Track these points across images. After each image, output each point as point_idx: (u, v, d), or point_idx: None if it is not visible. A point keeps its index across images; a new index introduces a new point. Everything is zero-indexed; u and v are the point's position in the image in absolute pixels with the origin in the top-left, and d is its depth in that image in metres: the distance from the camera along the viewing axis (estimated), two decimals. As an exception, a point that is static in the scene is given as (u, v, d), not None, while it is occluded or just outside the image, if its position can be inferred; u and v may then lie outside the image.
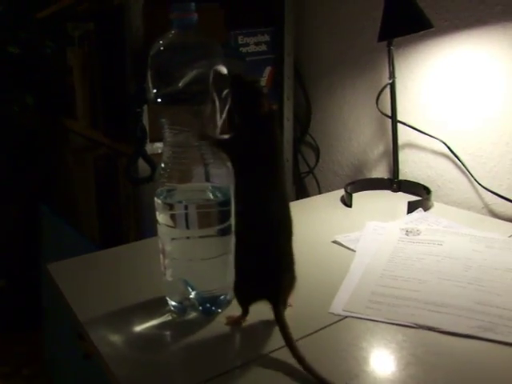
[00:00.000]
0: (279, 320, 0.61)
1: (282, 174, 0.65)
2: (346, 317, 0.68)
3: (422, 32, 1.02)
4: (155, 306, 0.69)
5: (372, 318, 0.67)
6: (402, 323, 0.66)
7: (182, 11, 0.61)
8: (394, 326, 0.65)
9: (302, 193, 1.54)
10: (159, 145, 1.19)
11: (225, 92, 0.63)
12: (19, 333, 2.14)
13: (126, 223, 1.33)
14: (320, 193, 1.48)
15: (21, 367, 2.00)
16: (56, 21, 1.84)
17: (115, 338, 0.64)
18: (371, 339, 0.64)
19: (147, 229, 1.21)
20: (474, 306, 0.68)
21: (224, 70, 0.62)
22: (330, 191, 1.43)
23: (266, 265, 0.62)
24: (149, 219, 1.20)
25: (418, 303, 0.70)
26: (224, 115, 0.65)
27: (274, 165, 0.63)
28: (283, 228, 0.63)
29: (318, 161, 1.47)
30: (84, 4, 1.49)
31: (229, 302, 0.68)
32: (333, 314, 0.68)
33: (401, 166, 1.20)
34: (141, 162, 0.93)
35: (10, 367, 2.00)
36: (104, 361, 0.60)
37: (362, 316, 0.68)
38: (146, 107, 0.95)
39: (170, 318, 0.67)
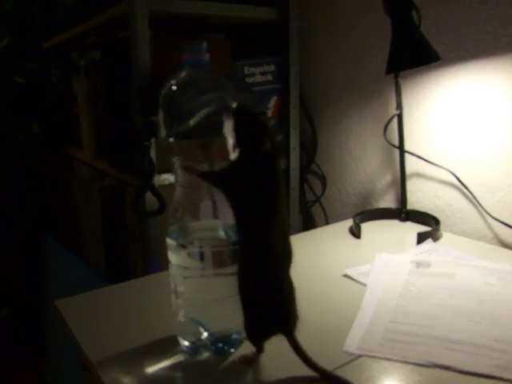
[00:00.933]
0: (298, 350, 0.61)
1: (283, 210, 0.62)
2: (361, 355, 0.66)
3: (429, 63, 1.03)
4: (166, 345, 0.68)
5: (387, 357, 0.66)
6: (418, 362, 0.64)
7: (194, 51, 0.62)
8: (410, 365, 0.64)
9: (309, 222, 1.53)
10: (166, 176, 1.19)
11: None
12: (22, 362, 2.11)
13: (133, 254, 1.32)
14: (327, 222, 1.47)
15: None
16: (62, 50, 1.86)
17: (127, 380, 0.62)
18: (387, 380, 0.62)
19: (154, 261, 1.20)
20: (491, 344, 0.67)
21: (236, 108, 0.62)
22: (337, 220, 1.42)
23: (276, 298, 0.61)
24: (156, 251, 1.20)
25: (433, 340, 0.69)
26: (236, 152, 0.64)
27: (273, 203, 0.60)
28: (286, 260, 0.62)
29: (324, 190, 1.47)
30: (91, 37, 1.50)
31: (242, 341, 0.67)
32: (347, 352, 0.67)
33: (408, 196, 1.19)
34: (149, 195, 0.93)
35: (13, 399, 1.98)
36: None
37: (377, 355, 0.66)
38: (153, 140, 0.96)
39: (182, 358, 0.66)
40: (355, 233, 1.11)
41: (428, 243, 1.03)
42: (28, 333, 2.09)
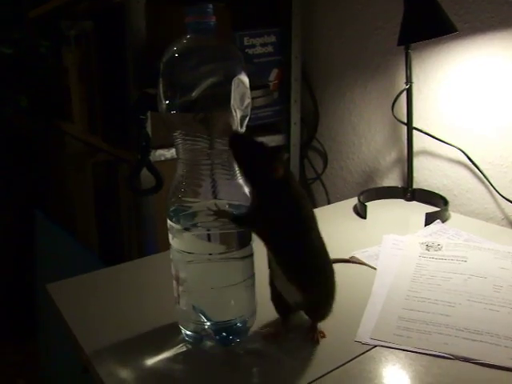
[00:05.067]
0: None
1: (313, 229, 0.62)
2: (375, 346, 0.62)
3: (441, 35, 0.97)
4: (167, 334, 0.64)
5: (402, 348, 0.62)
6: (436, 353, 0.60)
7: (199, 14, 0.56)
8: (427, 356, 0.60)
9: (309, 199, 1.48)
10: (163, 152, 1.14)
11: (246, 102, 0.57)
12: (14, 342, 2.08)
13: (127, 233, 1.27)
14: (328, 199, 1.43)
15: (16, 377, 1.94)
16: (51, 19, 1.78)
17: (124, 373, 0.58)
18: (404, 372, 0.58)
19: (150, 240, 1.15)
20: (511, 334, 0.63)
21: (246, 79, 0.57)
22: (338, 198, 1.38)
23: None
24: (152, 230, 1.15)
25: (451, 330, 0.65)
26: (244, 126, 0.59)
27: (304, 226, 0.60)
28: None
29: (325, 167, 1.42)
30: (82, 4, 1.43)
31: (247, 330, 0.63)
32: (360, 342, 0.63)
33: (415, 174, 1.15)
34: (144, 172, 0.88)
35: (5, 377, 1.94)
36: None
37: (392, 345, 0.62)
38: (149, 114, 0.90)
39: (184, 348, 0.62)
40: (360, 212, 1.07)
41: (436, 224, 0.99)
42: (19, 311, 2.05)
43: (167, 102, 0.57)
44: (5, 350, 2.04)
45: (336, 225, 1.02)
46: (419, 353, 0.61)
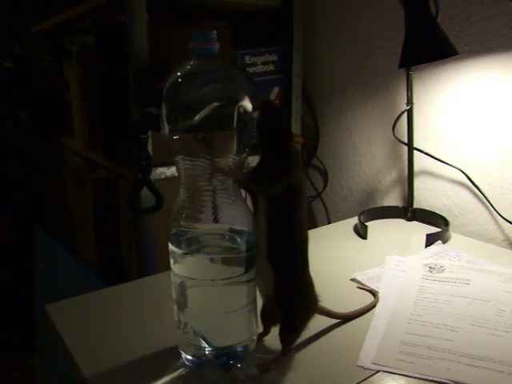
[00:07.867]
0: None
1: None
2: (378, 371, 0.62)
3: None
4: (167, 357, 0.63)
5: (405, 373, 0.61)
6: (439, 380, 0.60)
7: (203, 40, 0.56)
8: (430, 383, 0.60)
9: (309, 217, 1.48)
10: (163, 170, 1.13)
11: (249, 128, 0.57)
12: (11, 357, 2.06)
13: (127, 251, 1.26)
14: (328, 218, 1.42)
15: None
16: (53, 34, 1.79)
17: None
18: (406, 399, 0.58)
19: (149, 258, 1.15)
20: (514, 361, 0.63)
21: (249, 104, 0.57)
22: (338, 216, 1.38)
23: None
24: (151, 248, 1.15)
25: (453, 355, 0.64)
26: (246, 151, 0.59)
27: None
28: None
29: (326, 185, 1.42)
30: (85, 21, 1.43)
31: (247, 355, 0.62)
32: (362, 367, 0.62)
33: (415, 194, 1.15)
34: (145, 191, 0.88)
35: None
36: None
37: (394, 370, 0.62)
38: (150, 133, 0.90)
39: (184, 373, 0.61)
40: (361, 233, 1.06)
41: (437, 245, 0.99)
42: (17, 326, 2.03)
43: (170, 126, 0.57)
44: (1, 366, 2.02)
45: (336, 245, 1.02)
46: (421, 379, 0.60)
